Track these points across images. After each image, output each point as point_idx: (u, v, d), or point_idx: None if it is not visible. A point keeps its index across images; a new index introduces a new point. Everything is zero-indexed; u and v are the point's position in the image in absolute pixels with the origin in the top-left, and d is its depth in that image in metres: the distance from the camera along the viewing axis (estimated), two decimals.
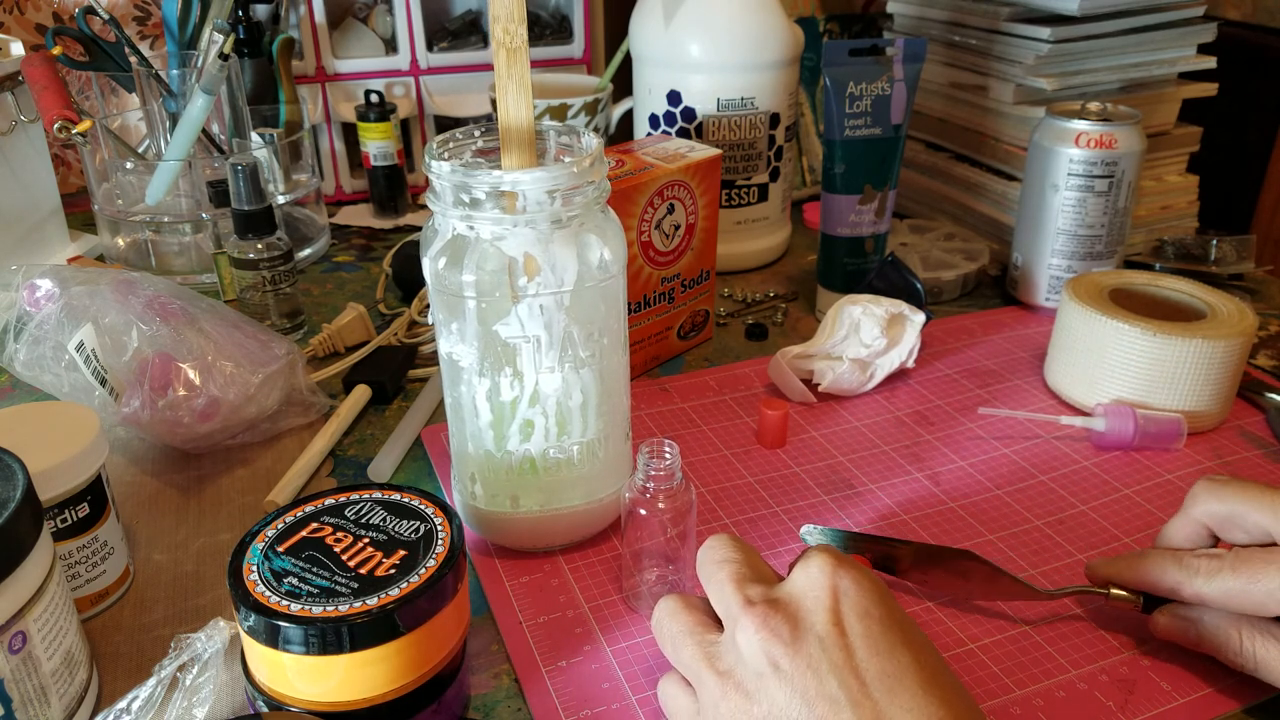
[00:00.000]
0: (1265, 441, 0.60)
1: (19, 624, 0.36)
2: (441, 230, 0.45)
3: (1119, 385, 0.60)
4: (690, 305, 0.71)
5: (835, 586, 0.35)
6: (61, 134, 0.73)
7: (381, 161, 0.94)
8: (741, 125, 0.81)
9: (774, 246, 0.87)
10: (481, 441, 0.48)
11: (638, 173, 0.63)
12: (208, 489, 0.57)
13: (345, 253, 0.90)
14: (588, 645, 0.45)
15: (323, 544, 0.39)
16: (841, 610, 0.34)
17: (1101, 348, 0.60)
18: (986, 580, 0.46)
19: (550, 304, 0.44)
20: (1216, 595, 0.40)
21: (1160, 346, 0.58)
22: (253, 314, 0.71)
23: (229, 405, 0.57)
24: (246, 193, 0.69)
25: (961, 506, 0.54)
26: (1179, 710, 0.41)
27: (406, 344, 0.71)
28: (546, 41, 1.04)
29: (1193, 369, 0.58)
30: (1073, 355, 0.62)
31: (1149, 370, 0.59)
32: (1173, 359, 0.58)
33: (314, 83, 0.97)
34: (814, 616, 0.34)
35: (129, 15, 1.01)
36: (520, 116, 0.44)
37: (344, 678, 0.36)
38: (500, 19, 0.42)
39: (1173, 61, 0.83)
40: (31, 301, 0.60)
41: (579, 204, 0.44)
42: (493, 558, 0.50)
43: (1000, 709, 0.41)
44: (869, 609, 0.34)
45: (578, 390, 0.47)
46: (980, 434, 0.61)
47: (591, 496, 0.50)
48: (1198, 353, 0.57)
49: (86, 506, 0.45)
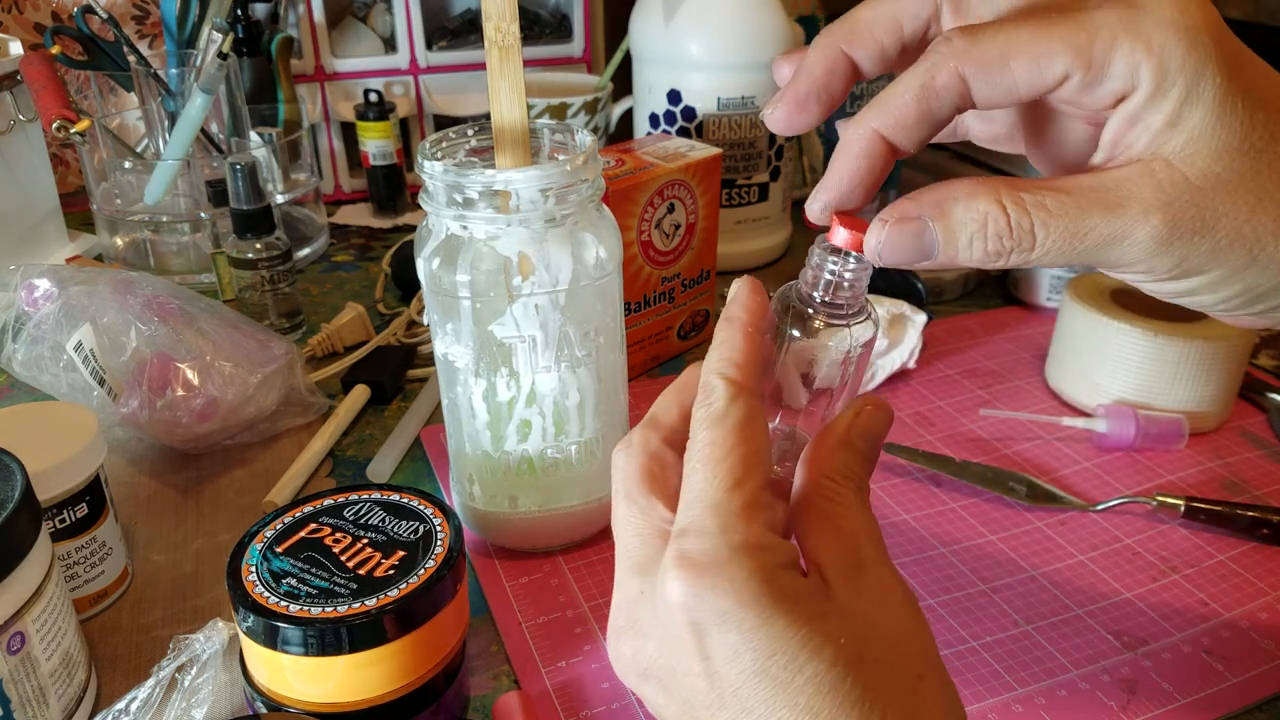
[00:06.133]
0: (1267, 442, 0.60)
1: (17, 624, 0.36)
2: (435, 230, 0.45)
3: (1120, 386, 0.60)
4: (690, 305, 0.71)
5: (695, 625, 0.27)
6: (60, 133, 0.73)
7: (380, 161, 0.94)
8: (742, 124, 0.80)
9: (774, 246, 0.87)
10: (479, 442, 0.47)
11: (638, 172, 0.63)
12: (206, 489, 0.57)
13: (344, 252, 0.90)
14: (587, 645, 0.45)
15: (321, 545, 0.39)
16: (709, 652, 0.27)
17: (1103, 348, 0.60)
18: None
19: (546, 303, 0.44)
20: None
21: (1162, 347, 0.58)
22: (251, 314, 0.71)
23: (227, 405, 0.57)
24: (245, 192, 0.69)
25: (962, 507, 0.54)
26: (1181, 710, 0.41)
27: (405, 344, 0.71)
28: (546, 40, 1.04)
29: (1194, 370, 0.58)
30: (1074, 356, 0.62)
31: (1150, 371, 0.58)
32: (1174, 360, 0.58)
33: (313, 82, 0.97)
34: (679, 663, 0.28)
35: (127, 14, 1.01)
36: (513, 115, 0.44)
37: (343, 679, 0.36)
38: (492, 17, 0.42)
39: None
40: (30, 301, 0.60)
41: (573, 202, 0.43)
42: (492, 558, 0.50)
43: (1002, 707, 0.41)
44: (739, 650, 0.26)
45: (575, 390, 0.46)
46: (981, 435, 0.61)
47: (590, 496, 0.50)
48: (1199, 353, 0.57)
49: (85, 507, 0.45)
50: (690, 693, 0.27)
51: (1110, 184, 0.27)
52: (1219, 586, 0.48)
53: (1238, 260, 0.27)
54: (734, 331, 0.31)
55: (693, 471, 0.29)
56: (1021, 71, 0.27)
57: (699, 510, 0.28)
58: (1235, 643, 0.45)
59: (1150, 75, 0.26)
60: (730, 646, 0.26)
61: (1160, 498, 0.53)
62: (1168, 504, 0.52)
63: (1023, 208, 0.27)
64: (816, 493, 0.30)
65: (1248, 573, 0.49)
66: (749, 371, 0.30)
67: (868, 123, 0.29)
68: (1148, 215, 0.27)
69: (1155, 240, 0.27)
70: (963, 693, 0.42)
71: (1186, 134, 0.27)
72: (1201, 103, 0.26)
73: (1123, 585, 0.48)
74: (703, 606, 0.27)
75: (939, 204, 0.28)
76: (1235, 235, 0.27)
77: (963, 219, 0.28)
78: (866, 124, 0.29)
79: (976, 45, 0.27)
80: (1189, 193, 0.27)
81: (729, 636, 0.26)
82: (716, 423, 0.29)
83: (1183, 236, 0.27)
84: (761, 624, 0.26)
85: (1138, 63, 0.26)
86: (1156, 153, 0.27)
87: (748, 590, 0.26)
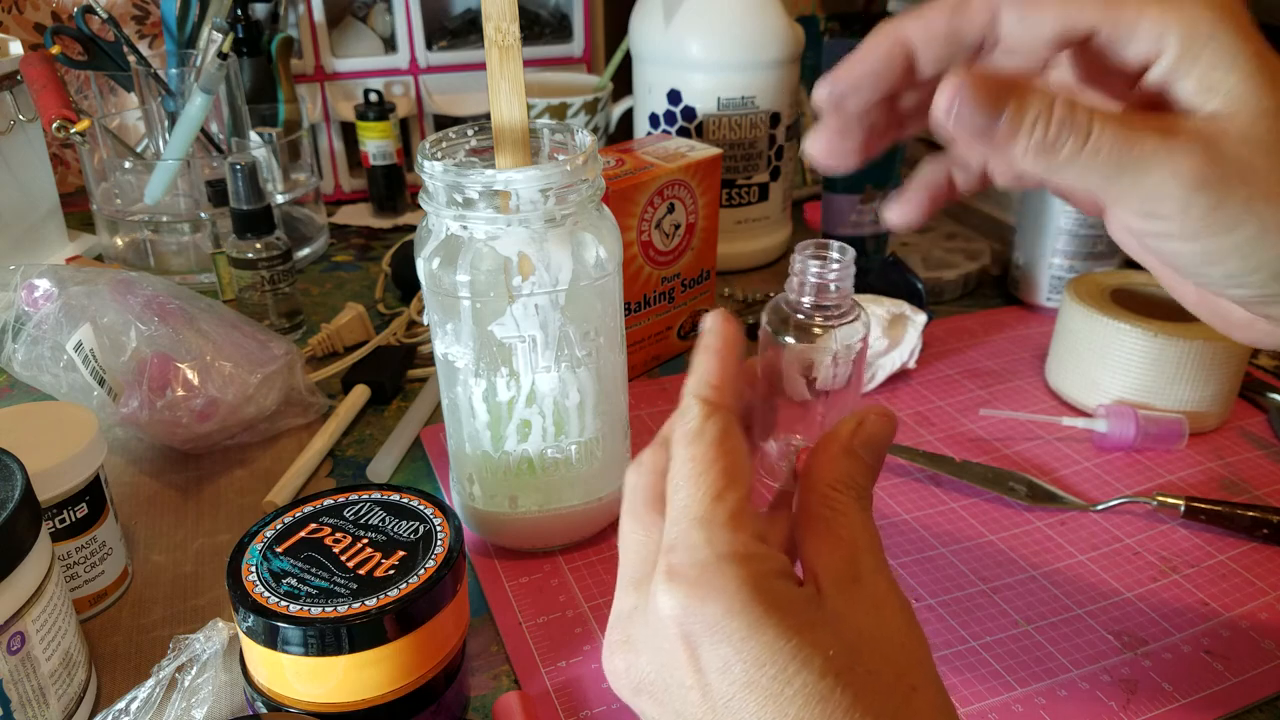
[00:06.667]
0: (1267, 442, 0.60)
1: (17, 624, 0.36)
2: (435, 230, 0.45)
3: (1120, 386, 0.60)
4: (690, 305, 0.71)
5: (687, 636, 0.27)
6: (60, 133, 0.73)
7: (380, 161, 0.94)
8: (742, 124, 0.80)
9: (775, 246, 0.87)
10: (479, 442, 0.47)
11: (638, 172, 0.63)
12: (206, 489, 0.57)
13: (344, 252, 0.90)
14: (588, 645, 0.45)
15: (321, 545, 0.39)
16: (701, 665, 0.27)
17: (1103, 348, 0.60)
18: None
19: (546, 303, 0.44)
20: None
21: (1162, 347, 0.58)
22: (251, 314, 0.71)
23: (227, 405, 0.57)
24: (245, 192, 0.69)
25: (962, 507, 0.54)
26: (1181, 710, 0.41)
27: (405, 344, 0.71)
28: (546, 40, 1.04)
29: (1194, 369, 0.58)
30: (1074, 356, 0.62)
31: (1150, 371, 0.58)
32: (1174, 360, 0.58)
33: (313, 82, 0.97)
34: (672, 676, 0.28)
35: (127, 14, 1.01)
36: (513, 115, 0.44)
37: (343, 679, 0.36)
38: (492, 17, 0.42)
39: None
40: (30, 301, 0.60)
41: (573, 202, 0.43)
42: (492, 558, 0.50)
43: (1002, 707, 0.41)
44: (729, 662, 0.26)
45: (575, 390, 0.46)
46: (982, 435, 0.61)
47: (590, 496, 0.50)
48: (1199, 353, 0.57)
49: (85, 507, 0.45)
50: (684, 705, 0.28)
51: (1161, 121, 0.28)
52: (1219, 586, 0.48)
53: (1273, 217, 0.28)
54: (708, 355, 0.32)
55: (676, 489, 0.29)
56: (1053, 15, 0.29)
57: (685, 525, 0.28)
58: (1235, 643, 0.45)
59: (1178, 41, 0.28)
60: (721, 658, 0.26)
61: (1160, 498, 0.53)
62: (1168, 504, 0.52)
63: (1086, 106, 0.28)
64: (817, 501, 0.30)
65: (1248, 573, 0.49)
66: (723, 390, 0.31)
67: (896, 25, 0.30)
68: (1191, 149, 0.27)
69: (1196, 174, 0.27)
70: (963, 693, 0.42)
71: (1223, 97, 0.28)
72: (1234, 70, 0.27)
73: (1123, 585, 0.48)
74: (693, 618, 0.27)
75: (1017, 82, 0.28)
76: (1270, 190, 0.27)
77: (1036, 100, 0.28)
78: (894, 26, 0.30)
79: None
80: (1230, 144, 0.27)
81: (720, 649, 0.26)
82: (694, 440, 0.30)
83: (1222, 179, 0.27)
84: (751, 634, 0.26)
85: (1165, 27, 0.28)
86: (1198, 110, 0.28)
87: (738, 599, 0.26)
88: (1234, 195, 0.28)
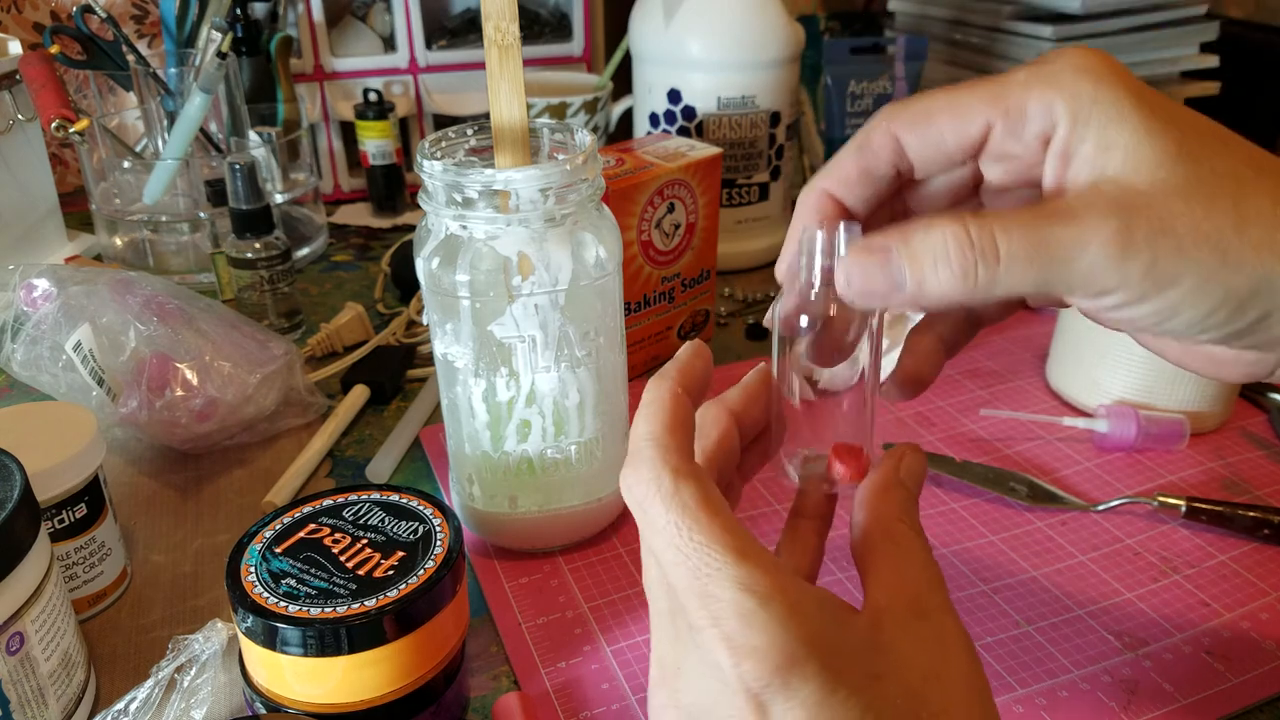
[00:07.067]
0: (1268, 442, 0.60)
1: (16, 625, 0.36)
2: (435, 230, 0.45)
3: (1121, 386, 0.60)
4: (690, 305, 0.71)
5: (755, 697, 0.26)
6: (59, 133, 0.73)
7: (380, 160, 0.94)
8: (742, 124, 0.80)
9: (775, 246, 0.87)
10: (478, 442, 0.47)
11: (638, 171, 0.63)
12: (205, 489, 0.56)
13: (343, 252, 0.90)
14: (587, 646, 0.45)
15: (321, 545, 0.39)
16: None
17: (1103, 348, 0.60)
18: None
19: (545, 303, 0.44)
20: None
21: None
22: (250, 314, 0.71)
23: (227, 405, 0.57)
24: (244, 192, 0.69)
25: (962, 507, 0.54)
26: (1182, 711, 0.41)
27: (405, 344, 0.71)
28: (546, 40, 1.04)
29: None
30: (1075, 356, 0.62)
31: (1151, 371, 0.58)
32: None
33: (312, 81, 0.97)
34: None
35: (127, 14, 1.01)
36: (513, 115, 0.44)
37: (342, 679, 0.36)
38: (492, 16, 0.42)
39: (1175, 60, 0.83)
40: (29, 301, 0.60)
41: (573, 202, 0.43)
42: (491, 559, 0.50)
43: (1003, 707, 0.41)
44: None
45: (574, 390, 0.46)
46: (982, 435, 0.61)
47: (590, 497, 0.50)
48: None
49: (84, 507, 0.45)
50: None
51: (1065, 203, 0.28)
52: (1220, 587, 0.48)
53: (1208, 259, 0.27)
54: (660, 393, 0.30)
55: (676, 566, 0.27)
56: (947, 125, 0.30)
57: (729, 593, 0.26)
58: (1236, 643, 0.45)
59: (1066, 110, 0.28)
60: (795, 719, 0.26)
61: (1161, 498, 0.52)
62: (1169, 504, 0.52)
63: (982, 222, 0.28)
64: (883, 535, 0.30)
65: (1249, 573, 0.49)
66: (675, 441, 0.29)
67: (816, 183, 0.33)
68: (1105, 219, 0.27)
69: (1118, 242, 0.27)
70: None
71: (1122, 152, 0.28)
72: (1126, 123, 0.28)
73: (1123, 586, 0.48)
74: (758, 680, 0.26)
75: (902, 232, 0.29)
76: (1196, 232, 0.27)
77: (925, 242, 0.28)
78: (815, 184, 0.33)
79: (906, 108, 0.31)
80: (1141, 197, 0.27)
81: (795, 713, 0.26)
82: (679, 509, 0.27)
83: (1146, 238, 0.27)
84: (824, 697, 0.26)
85: (1051, 100, 0.28)
86: (1101, 174, 0.28)
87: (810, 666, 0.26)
88: (1164, 248, 0.27)
